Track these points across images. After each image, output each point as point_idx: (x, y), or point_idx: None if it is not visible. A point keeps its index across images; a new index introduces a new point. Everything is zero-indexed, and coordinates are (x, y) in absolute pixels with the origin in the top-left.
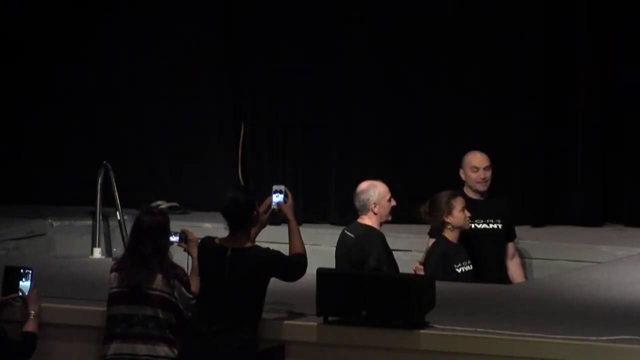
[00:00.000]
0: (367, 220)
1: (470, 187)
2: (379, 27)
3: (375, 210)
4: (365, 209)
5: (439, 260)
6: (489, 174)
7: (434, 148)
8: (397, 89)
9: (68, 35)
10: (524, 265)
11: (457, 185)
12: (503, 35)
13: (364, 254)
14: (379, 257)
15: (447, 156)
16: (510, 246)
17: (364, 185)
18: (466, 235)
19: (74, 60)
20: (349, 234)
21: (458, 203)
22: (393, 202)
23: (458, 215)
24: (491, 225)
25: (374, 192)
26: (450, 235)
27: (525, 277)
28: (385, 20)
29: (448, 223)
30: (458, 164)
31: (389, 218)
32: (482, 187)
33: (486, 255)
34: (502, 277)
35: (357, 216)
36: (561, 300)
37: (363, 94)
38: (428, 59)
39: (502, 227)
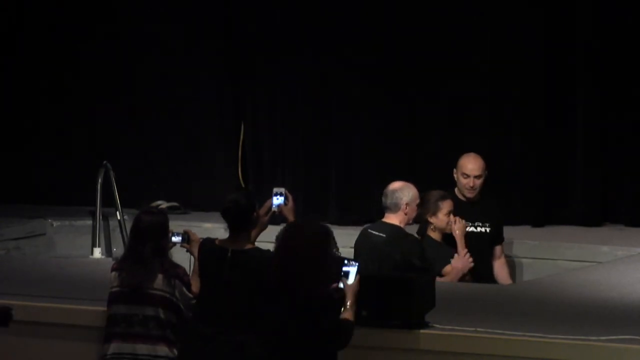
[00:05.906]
0: (395, 219)
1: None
2: (379, 29)
3: (406, 210)
4: (396, 208)
5: None
6: (478, 182)
7: (434, 148)
8: (397, 90)
9: (68, 35)
10: (511, 265)
11: (455, 187)
12: (503, 35)
13: (404, 255)
14: (421, 256)
15: (447, 157)
16: (497, 248)
17: (397, 184)
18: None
19: (74, 59)
20: (376, 233)
21: (445, 206)
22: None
23: (442, 218)
24: (479, 229)
25: (408, 192)
26: (434, 234)
27: (510, 277)
28: (385, 22)
29: (431, 223)
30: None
31: (411, 222)
32: (469, 194)
33: (474, 258)
34: (490, 280)
35: (383, 215)
36: (561, 301)
37: (363, 94)
38: (428, 61)
39: (490, 230)
